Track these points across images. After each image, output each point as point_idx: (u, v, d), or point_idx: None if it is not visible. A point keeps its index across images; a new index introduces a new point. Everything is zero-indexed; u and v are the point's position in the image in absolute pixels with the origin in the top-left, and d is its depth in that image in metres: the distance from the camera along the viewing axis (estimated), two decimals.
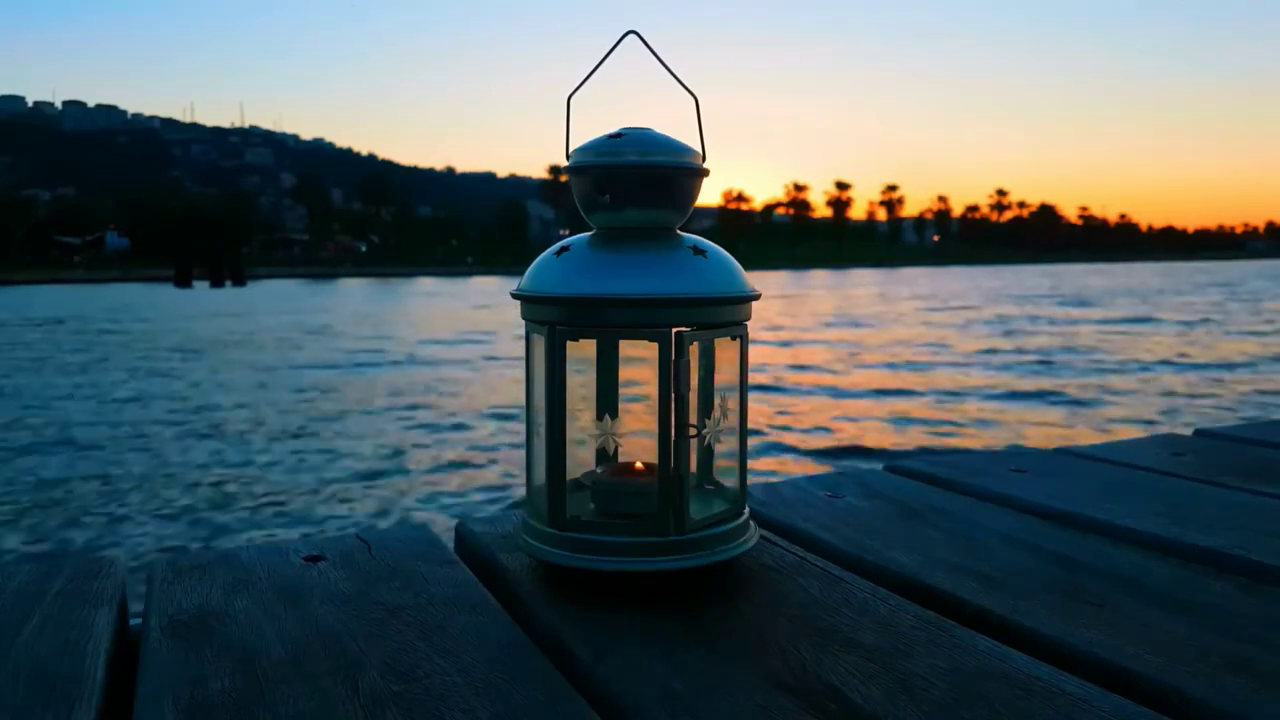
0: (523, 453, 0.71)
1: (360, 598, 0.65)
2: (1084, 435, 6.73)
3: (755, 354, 0.82)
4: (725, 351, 0.71)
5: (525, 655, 0.56)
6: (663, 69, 0.69)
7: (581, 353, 0.69)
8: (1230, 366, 10.79)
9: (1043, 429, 7.15)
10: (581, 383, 0.71)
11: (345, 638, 0.58)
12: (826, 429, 7.18)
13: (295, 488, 5.44)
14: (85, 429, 7.54)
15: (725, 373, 0.72)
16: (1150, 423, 7.29)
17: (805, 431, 7.04)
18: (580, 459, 0.72)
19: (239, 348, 14.25)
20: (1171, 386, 9.31)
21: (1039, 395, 8.77)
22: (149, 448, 6.76)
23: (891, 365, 11.12)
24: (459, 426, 7.41)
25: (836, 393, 9.07)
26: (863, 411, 7.98)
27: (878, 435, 6.94)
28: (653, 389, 0.64)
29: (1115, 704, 0.50)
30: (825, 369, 10.74)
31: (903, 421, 7.52)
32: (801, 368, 10.88)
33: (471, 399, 8.75)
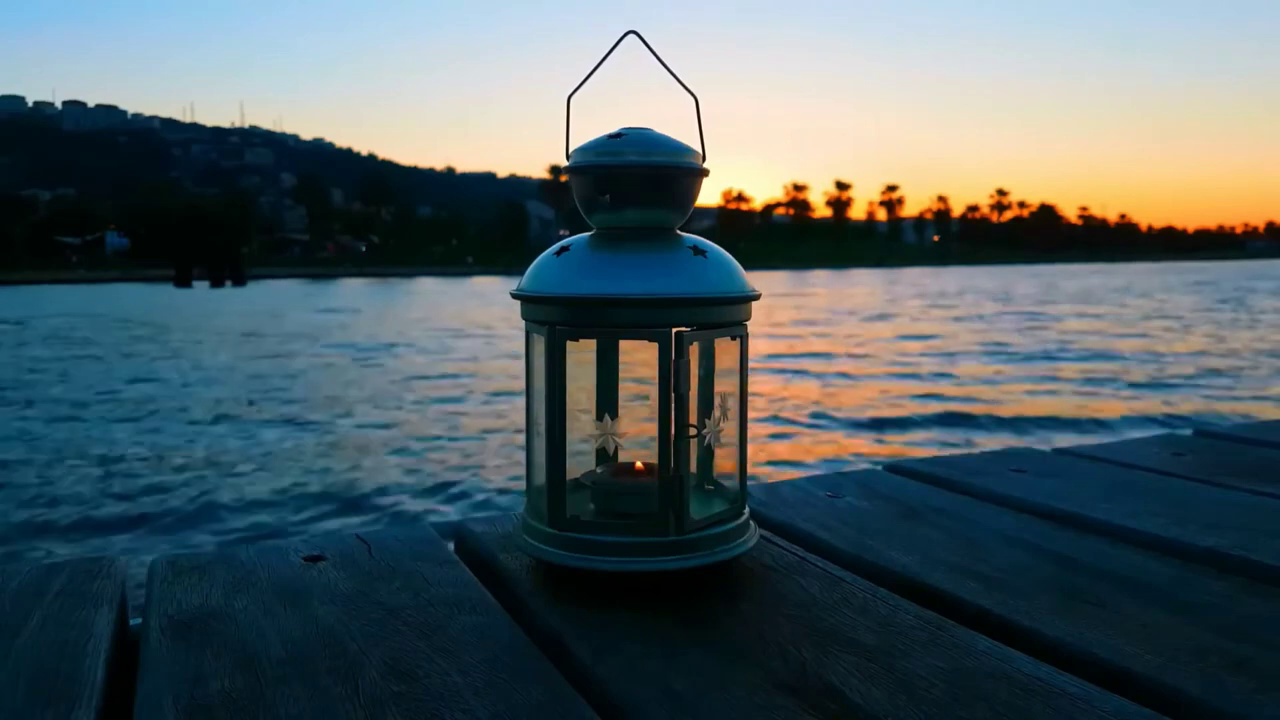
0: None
1: (360, 598, 0.65)
2: None
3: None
4: (725, 351, 0.71)
5: (525, 655, 0.56)
6: (663, 69, 0.69)
7: (582, 352, 0.69)
8: None
9: None
10: (581, 383, 0.71)
11: (345, 638, 0.58)
12: None
13: None
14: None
15: (725, 372, 0.72)
16: None
17: None
18: (580, 459, 0.72)
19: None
20: None
21: None
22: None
23: None
24: None
25: None
26: None
27: None
28: (653, 389, 0.64)
29: (1115, 704, 0.50)
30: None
31: None
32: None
33: None
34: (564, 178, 0.70)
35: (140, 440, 6.61)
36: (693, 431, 0.65)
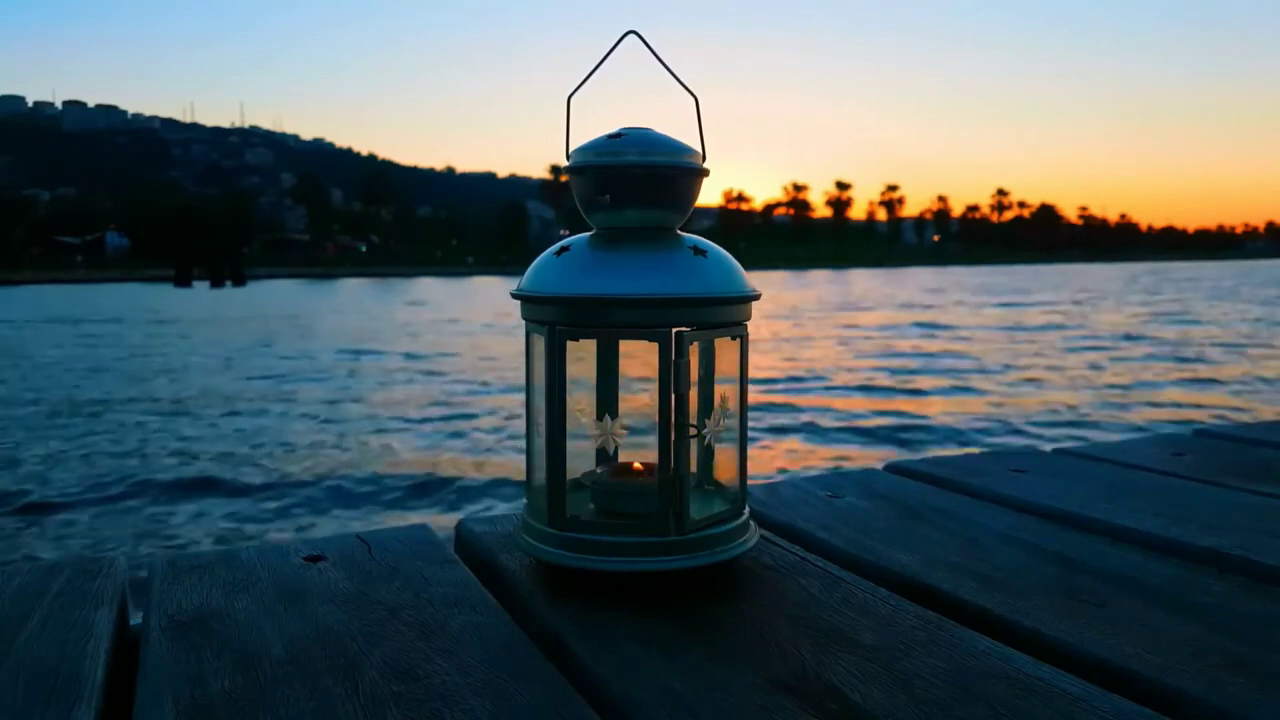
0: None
1: (360, 598, 0.65)
2: None
3: None
4: (725, 351, 0.71)
5: (525, 655, 0.56)
6: (663, 69, 0.69)
7: (582, 352, 0.69)
8: None
9: None
10: (582, 383, 0.71)
11: (345, 638, 0.58)
12: None
13: None
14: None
15: (725, 373, 0.72)
16: None
17: None
18: (580, 459, 0.72)
19: None
20: None
21: None
22: None
23: None
24: None
25: None
26: None
27: None
28: (653, 389, 0.64)
29: (1115, 704, 0.50)
30: None
31: None
32: None
33: None
34: (564, 178, 0.70)
35: None
36: (693, 431, 0.65)
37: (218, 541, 4.18)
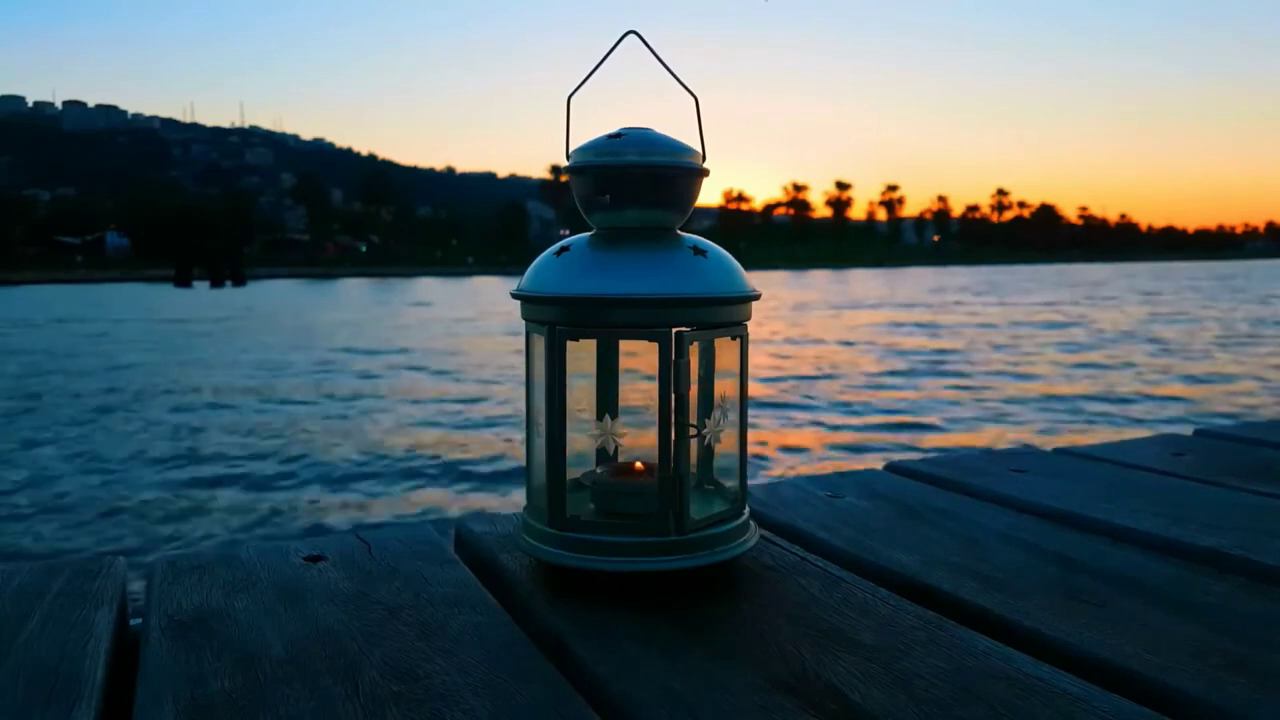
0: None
1: (360, 598, 0.65)
2: None
3: None
4: (725, 351, 0.71)
5: (525, 655, 0.56)
6: (663, 69, 0.69)
7: (582, 352, 0.69)
8: None
9: None
10: (581, 382, 0.71)
11: (345, 638, 0.58)
12: None
13: None
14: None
15: (725, 372, 0.72)
16: None
17: None
18: (580, 459, 0.72)
19: None
20: None
21: None
22: None
23: None
24: None
25: None
26: None
27: None
28: (653, 389, 0.64)
29: (1115, 704, 0.50)
30: None
31: None
32: None
33: None
34: (564, 178, 0.70)
35: None
36: (693, 431, 0.65)
37: (228, 536, 4.22)
